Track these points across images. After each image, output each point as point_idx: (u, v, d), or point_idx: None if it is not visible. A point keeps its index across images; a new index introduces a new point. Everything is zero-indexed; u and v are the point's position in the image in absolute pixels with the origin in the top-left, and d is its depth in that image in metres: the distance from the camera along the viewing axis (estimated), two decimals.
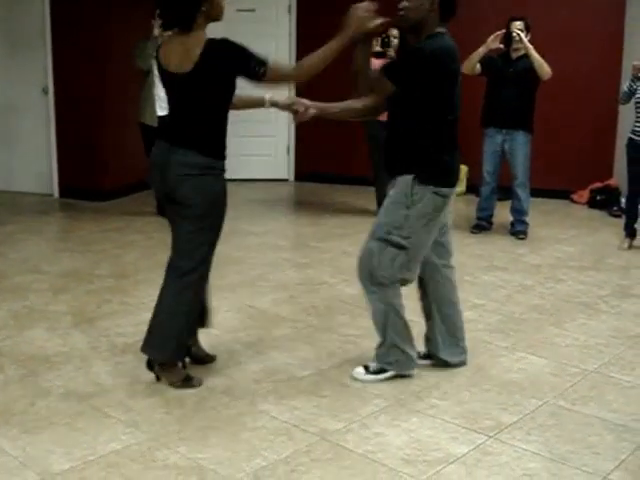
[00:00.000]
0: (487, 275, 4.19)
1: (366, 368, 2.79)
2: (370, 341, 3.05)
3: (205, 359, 2.89)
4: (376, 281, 2.66)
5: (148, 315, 3.47)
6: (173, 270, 2.64)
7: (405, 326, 2.73)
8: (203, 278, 2.68)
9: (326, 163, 7.04)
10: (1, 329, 3.25)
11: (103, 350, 3.04)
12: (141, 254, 4.55)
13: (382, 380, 2.75)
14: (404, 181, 2.60)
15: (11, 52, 6.18)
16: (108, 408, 2.53)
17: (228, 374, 2.81)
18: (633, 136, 4.62)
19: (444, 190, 2.61)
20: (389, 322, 2.70)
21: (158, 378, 2.71)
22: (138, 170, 5.98)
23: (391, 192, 2.66)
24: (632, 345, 3.16)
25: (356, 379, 2.76)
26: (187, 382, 2.69)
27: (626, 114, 5.35)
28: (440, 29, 2.57)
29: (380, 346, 2.75)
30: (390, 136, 2.68)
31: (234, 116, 2.62)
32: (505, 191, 5.20)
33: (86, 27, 5.89)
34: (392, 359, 2.75)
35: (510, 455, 2.26)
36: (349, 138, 6.53)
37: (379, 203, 5.62)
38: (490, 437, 2.37)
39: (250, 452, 2.25)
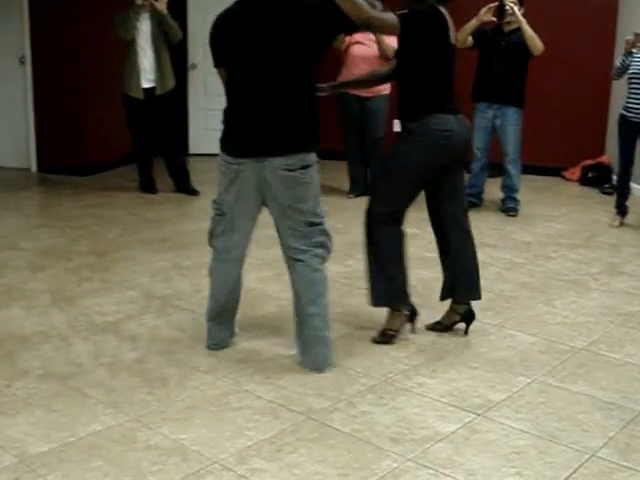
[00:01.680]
0: (477, 252, 4.14)
1: None
2: (357, 319, 3.01)
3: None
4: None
5: (130, 293, 3.45)
6: None
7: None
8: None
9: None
10: None
11: (83, 329, 2.97)
12: (123, 231, 4.46)
13: None
14: None
15: None
16: (88, 389, 2.47)
17: (212, 353, 2.76)
18: (625, 112, 4.56)
19: (223, 156, 2.56)
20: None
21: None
22: (120, 144, 5.84)
23: None
24: (621, 323, 3.14)
25: None
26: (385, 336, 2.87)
27: (619, 90, 5.29)
28: None
29: None
30: None
31: (219, 85, 2.61)
32: (496, 167, 5.15)
33: None
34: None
35: (498, 433, 2.24)
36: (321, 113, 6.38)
37: (351, 178, 5.50)
38: (478, 415, 2.34)
39: (234, 432, 2.21)
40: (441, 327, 2.98)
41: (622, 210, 4.75)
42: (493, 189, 5.20)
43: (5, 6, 5.92)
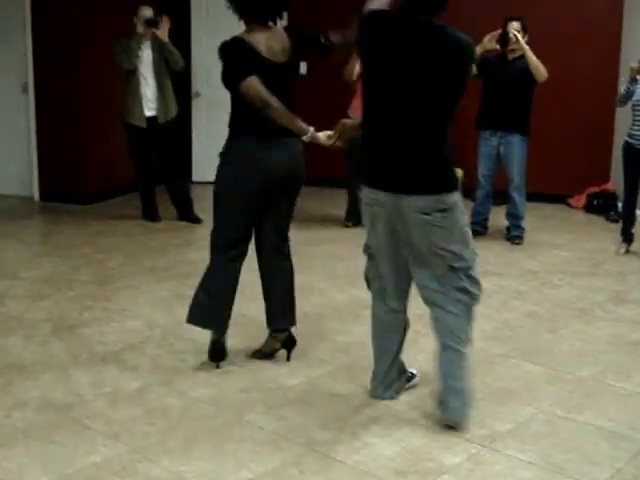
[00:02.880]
0: (482, 281, 4.10)
1: None
2: (361, 349, 2.98)
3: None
4: None
5: (131, 322, 3.42)
6: None
7: None
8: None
9: (317, 166, 6.94)
10: None
11: (83, 359, 2.95)
12: (125, 259, 4.45)
13: None
14: None
15: None
16: (88, 419, 2.44)
17: (214, 383, 2.73)
18: (630, 139, 4.57)
19: (363, 188, 2.48)
20: None
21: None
22: (122, 172, 5.86)
23: None
24: (628, 352, 3.10)
25: None
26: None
27: (623, 117, 5.31)
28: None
29: None
30: None
31: (223, 113, 2.63)
32: (501, 195, 5.14)
33: (68, 22, 5.73)
34: None
35: (504, 465, 2.19)
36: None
37: (349, 208, 5.37)
38: (484, 447, 2.30)
39: (236, 464, 2.17)
40: (262, 355, 2.93)
41: (628, 237, 4.72)
42: (498, 217, 5.19)
43: (7, 34, 5.96)
